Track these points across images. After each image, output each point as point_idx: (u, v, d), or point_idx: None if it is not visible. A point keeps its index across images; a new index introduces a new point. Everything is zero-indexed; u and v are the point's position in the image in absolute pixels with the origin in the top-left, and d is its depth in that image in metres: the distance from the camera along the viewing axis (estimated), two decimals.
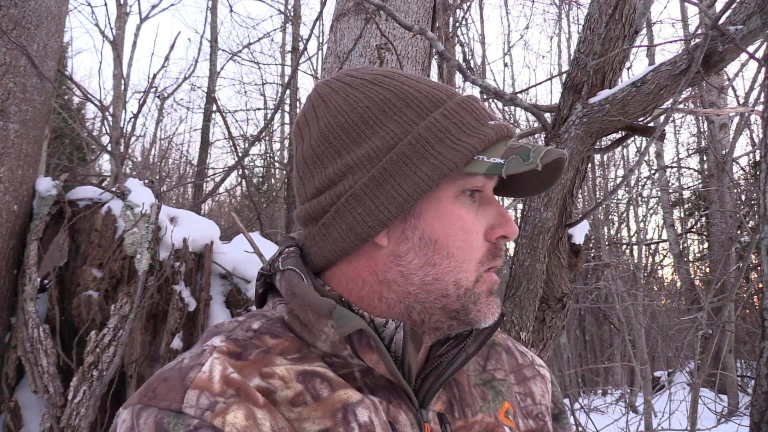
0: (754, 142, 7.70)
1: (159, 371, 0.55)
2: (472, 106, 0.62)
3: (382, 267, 0.61)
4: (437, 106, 0.61)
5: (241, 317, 0.63)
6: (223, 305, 2.79)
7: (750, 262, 6.40)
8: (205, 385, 0.51)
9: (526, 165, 0.57)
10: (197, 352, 0.56)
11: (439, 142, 0.59)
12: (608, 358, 9.63)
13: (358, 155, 0.60)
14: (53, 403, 2.32)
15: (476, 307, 0.61)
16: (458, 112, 0.61)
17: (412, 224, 0.60)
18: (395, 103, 0.61)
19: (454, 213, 0.60)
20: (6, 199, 2.53)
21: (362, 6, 3.01)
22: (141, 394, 0.52)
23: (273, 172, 10.79)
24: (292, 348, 0.59)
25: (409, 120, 0.60)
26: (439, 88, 0.64)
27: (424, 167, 0.58)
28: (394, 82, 0.63)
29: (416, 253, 0.60)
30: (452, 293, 0.60)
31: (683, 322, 6.19)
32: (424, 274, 0.60)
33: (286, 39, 10.58)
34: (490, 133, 0.60)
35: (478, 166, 0.58)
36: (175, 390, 0.51)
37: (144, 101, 4.17)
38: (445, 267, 0.60)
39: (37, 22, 2.72)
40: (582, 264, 2.34)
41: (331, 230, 0.62)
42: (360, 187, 0.59)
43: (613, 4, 2.12)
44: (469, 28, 8.73)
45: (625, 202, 9.65)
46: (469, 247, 0.61)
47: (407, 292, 0.61)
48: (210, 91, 7.55)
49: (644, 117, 2.15)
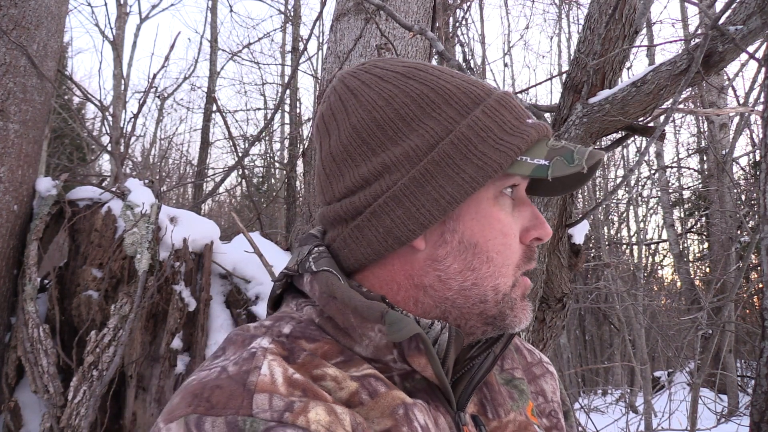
0: (754, 142, 7.70)
1: (196, 382, 0.49)
2: (510, 103, 0.60)
3: (419, 271, 0.59)
4: (477, 104, 0.59)
5: (267, 321, 0.59)
6: (223, 305, 2.79)
7: (750, 262, 6.40)
8: (271, 388, 0.48)
9: (572, 167, 0.56)
10: (244, 356, 0.51)
11: (482, 142, 0.56)
12: (608, 358, 9.63)
13: (396, 154, 0.57)
14: (53, 403, 2.32)
15: (513, 312, 0.60)
16: (498, 110, 0.59)
17: (452, 227, 0.58)
18: (433, 99, 0.59)
19: (494, 216, 0.59)
20: (6, 199, 2.53)
21: (362, 6, 3.01)
22: (191, 404, 0.47)
23: (273, 172, 10.79)
24: (333, 352, 0.56)
25: (449, 118, 0.58)
26: (474, 83, 0.61)
27: (468, 168, 0.56)
28: (429, 75, 0.61)
29: (455, 257, 0.58)
30: (491, 299, 0.59)
31: (683, 322, 6.19)
32: (463, 279, 0.58)
33: (286, 39, 10.58)
34: (531, 132, 0.58)
35: (522, 167, 0.56)
36: (238, 396, 0.47)
37: (144, 101, 4.17)
38: (485, 272, 0.58)
39: (37, 22, 2.72)
40: (582, 264, 2.34)
41: (366, 232, 0.58)
42: (399, 188, 0.57)
43: (613, 4, 2.12)
44: (469, 28, 8.73)
45: (625, 202, 9.65)
46: (508, 251, 0.59)
47: (444, 297, 0.59)
48: (210, 91, 7.56)
49: (644, 117, 2.15)
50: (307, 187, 3.13)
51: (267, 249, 2.77)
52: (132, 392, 2.50)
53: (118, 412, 2.51)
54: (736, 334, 7.37)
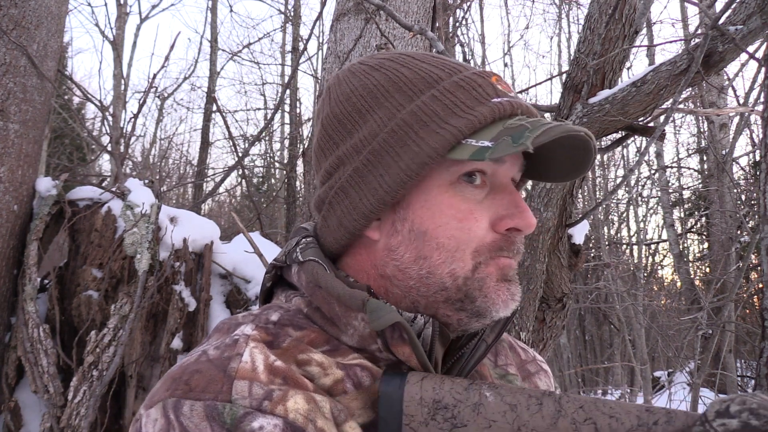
0: (754, 142, 7.70)
1: (176, 367, 0.50)
2: (474, 83, 0.56)
3: (380, 262, 0.59)
4: (430, 87, 0.56)
5: (255, 311, 0.59)
6: (223, 305, 2.79)
7: (750, 262, 6.40)
8: (251, 375, 0.47)
9: (515, 147, 0.50)
10: (227, 342, 0.51)
11: (424, 127, 0.54)
12: (608, 358, 9.63)
13: (348, 146, 0.58)
14: (53, 403, 2.32)
15: (482, 292, 0.56)
16: (453, 92, 0.55)
17: (402, 216, 0.57)
18: (387, 87, 0.57)
19: (446, 202, 0.56)
20: (6, 199, 2.53)
21: (362, 6, 3.01)
22: (170, 389, 0.47)
23: (273, 172, 10.79)
24: (320, 340, 0.55)
25: (396, 104, 0.56)
26: (441, 65, 0.58)
27: (405, 156, 0.54)
28: (394, 64, 0.59)
29: (407, 246, 0.56)
30: (450, 285, 0.56)
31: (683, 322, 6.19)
32: (418, 267, 0.56)
33: (286, 39, 10.57)
34: (483, 112, 0.53)
35: (463, 151, 0.52)
36: (217, 381, 0.47)
37: (144, 101, 4.17)
38: (437, 259, 0.56)
39: (37, 22, 2.72)
40: (582, 264, 2.34)
41: (329, 222, 0.60)
42: (346, 179, 0.57)
43: (613, 4, 2.12)
44: (469, 28, 8.73)
45: (625, 202, 9.64)
46: (464, 236, 0.55)
47: (408, 286, 0.57)
48: (210, 91, 7.55)
49: (644, 117, 2.15)
50: (307, 187, 3.13)
51: (267, 249, 2.77)
52: (132, 392, 2.50)
53: (118, 412, 2.51)
54: (736, 334, 7.36)
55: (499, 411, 0.49)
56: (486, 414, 0.49)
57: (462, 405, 0.49)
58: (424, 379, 0.51)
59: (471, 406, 0.49)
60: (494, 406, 0.49)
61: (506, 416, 0.48)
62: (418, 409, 0.49)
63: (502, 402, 0.49)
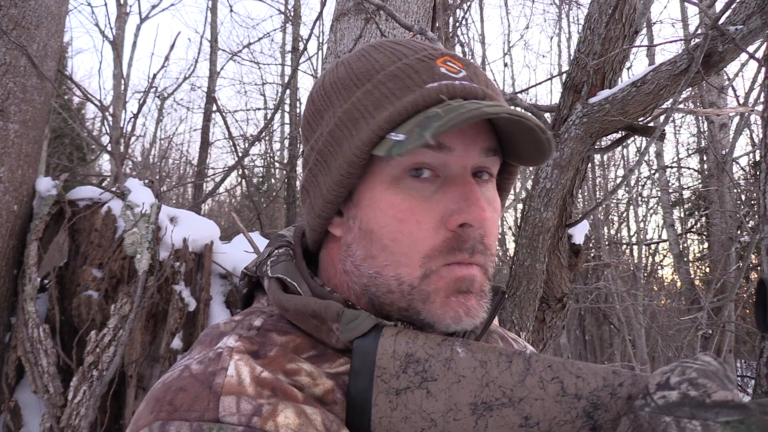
0: (754, 142, 7.70)
1: (159, 386, 0.48)
2: (411, 69, 0.52)
3: (341, 257, 0.58)
4: (368, 80, 0.53)
5: (237, 316, 0.57)
6: (223, 305, 2.80)
7: (750, 262, 6.40)
8: (238, 389, 0.45)
9: (418, 140, 0.46)
10: (210, 356, 0.49)
11: (355, 124, 0.52)
12: (608, 358, 9.62)
13: (308, 146, 0.58)
14: (53, 403, 2.32)
15: (426, 306, 0.53)
16: (385, 83, 0.52)
17: (353, 214, 0.55)
18: (338, 84, 0.55)
19: (386, 200, 0.52)
20: (6, 199, 2.53)
21: (362, 6, 3.01)
22: (154, 410, 0.45)
23: (273, 172, 10.79)
24: (305, 345, 0.53)
25: (341, 101, 0.54)
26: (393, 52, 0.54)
27: (339, 155, 0.53)
28: (355, 57, 0.57)
29: (358, 244, 0.55)
30: (395, 289, 0.53)
31: (683, 322, 6.19)
32: (368, 266, 0.54)
33: (286, 39, 10.57)
34: (404, 102, 0.50)
35: (382, 146, 0.49)
36: (203, 399, 0.44)
37: (144, 101, 4.17)
38: (383, 260, 0.53)
39: (37, 22, 2.72)
40: (582, 264, 2.34)
41: (306, 218, 0.61)
42: (305, 178, 0.59)
43: (613, 4, 2.12)
44: (469, 28, 8.73)
45: (625, 202, 9.64)
46: (407, 239, 0.52)
47: (363, 284, 0.56)
48: (210, 91, 7.55)
49: (644, 117, 2.15)
50: None
51: None
52: (132, 392, 2.50)
53: (118, 412, 2.51)
54: (736, 334, 7.36)
55: (469, 367, 0.49)
56: (456, 369, 0.49)
57: (434, 359, 0.50)
58: (399, 334, 0.51)
59: (442, 360, 0.49)
60: (465, 362, 0.49)
61: (476, 372, 0.49)
62: (391, 361, 0.50)
63: (473, 358, 0.50)
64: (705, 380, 0.41)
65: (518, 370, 0.49)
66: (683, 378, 0.42)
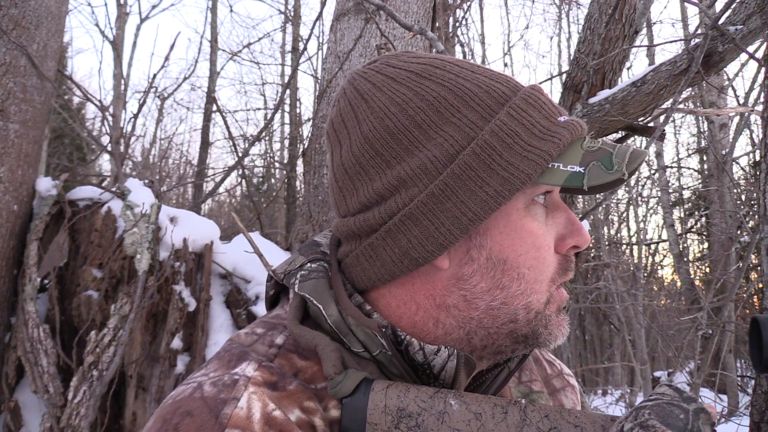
0: (754, 142, 7.70)
1: (170, 402, 0.47)
2: (539, 100, 0.53)
3: (441, 291, 0.54)
4: (501, 105, 0.52)
5: (259, 328, 0.56)
6: (223, 305, 2.80)
7: (750, 262, 6.40)
8: (244, 424, 0.45)
9: (611, 174, 0.50)
10: (226, 381, 0.48)
11: (508, 150, 0.50)
12: (608, 358, 9.62)
13: (412, 166, 0.51)
14: (53, 403, 2.32)
15: (547, 330, 0.55)
16: (526, 110, 0.52)
17: (478, 243, 0.53)
18: (452, 101, 0.52)
19: (526, 228, 0.53)
20: (6, 199, 2.53)
21: (362, 6, 3.01)
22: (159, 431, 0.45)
23: (273, 172, 10.79)
24: (319, 375, 0.52)
25: (470, 123, 0.52)
26: (497, 79, 0.55)
27: (492, 181, 0.50)
28: (447, 74, 0.54)
29: (483, 275, 0.53)
30: (522, 317, 0.54)
31: (683, 322, 6.19)
32: (491, 298, 0.53)
33: (286, 39, 10.57)
34: (564, 134, 0.51)
35: (554, 176, 0.50)
36: (207, 429, 0.44)
37: (144, 101, 4.18)
38: (515, 290, 0.53)
39: (37, 22, 2.72)
40: (582, 264, 2.34)
41: (380, 252, 0.53)
42: (416, 205, 0.51)
43: (613, 4, 2.12)
44: (469, 28, 8.73)
45: (625, 202, 9.65)
46: (541, 265, 0.54)
47: (469, 317, 0.54)
48: (210, 91, 7.55)
49: (644, 117, 2.15)
50: (307, 187, 3.13)
51: (267, 249, 2.77)
52: (132, 392, 2.50)
53: (118, 412, 2.51)
54: (736, 334, 7.36)
55: (464, 420, 0.48)
56: (450, 423, 0.48)
57: (426, 413, 0.48)
58: (390, 387, 0.50)
59: (435, 414, 0.48)
60: (459, 415, 0.48)
61: (471, 425, 0.48)
62: (382, 417, 0.48)
63: (467, 410, 0.49)
64: (654, 420, 0.45)
65: (514, 421, 0.48)
66: (635, 423, 0.45)
